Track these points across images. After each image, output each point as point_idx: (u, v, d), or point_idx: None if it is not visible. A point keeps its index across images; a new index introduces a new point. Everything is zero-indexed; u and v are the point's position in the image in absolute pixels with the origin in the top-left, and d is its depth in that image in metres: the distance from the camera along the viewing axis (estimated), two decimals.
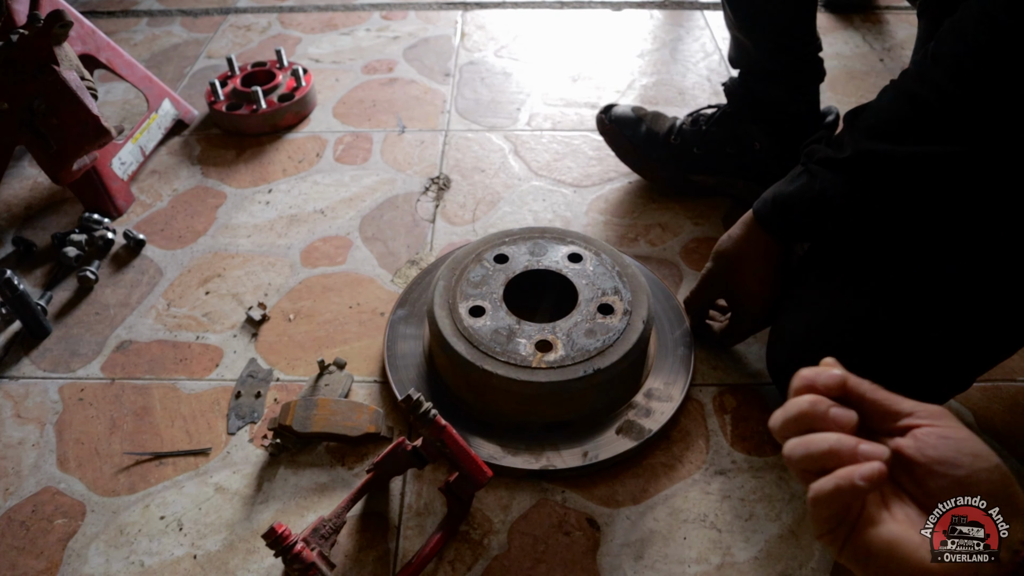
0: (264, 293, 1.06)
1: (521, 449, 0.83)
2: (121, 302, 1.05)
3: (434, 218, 1.18)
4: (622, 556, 0.76)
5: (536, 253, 0.94)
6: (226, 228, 1.17)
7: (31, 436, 0.89)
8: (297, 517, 0.80)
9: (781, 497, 0.81)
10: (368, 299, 1.04)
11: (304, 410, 0.84)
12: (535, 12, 1.75)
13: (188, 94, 1.48)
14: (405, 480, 0.83)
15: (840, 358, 0.75)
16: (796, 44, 1.03)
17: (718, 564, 0.76)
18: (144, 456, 0.86)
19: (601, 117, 1.20)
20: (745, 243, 0.84)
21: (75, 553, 0.78)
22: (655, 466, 0.84)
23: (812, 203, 0.76)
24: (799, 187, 0.77)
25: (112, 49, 1.26)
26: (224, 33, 1.69)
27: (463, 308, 0.87)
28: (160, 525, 0.80)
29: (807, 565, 0.75)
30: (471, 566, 0.76)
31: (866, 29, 1.64)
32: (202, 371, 0.95)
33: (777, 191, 0.81)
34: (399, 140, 1.35)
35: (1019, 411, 0.89)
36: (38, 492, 0.83)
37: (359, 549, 0.77)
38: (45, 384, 0.94)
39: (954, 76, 0.64)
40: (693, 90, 1.46)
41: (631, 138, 1.17)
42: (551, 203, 1.20)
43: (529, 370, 0.81)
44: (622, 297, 0.88)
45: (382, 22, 1.72)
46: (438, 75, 1.53)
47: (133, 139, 1.25)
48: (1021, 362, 0.94)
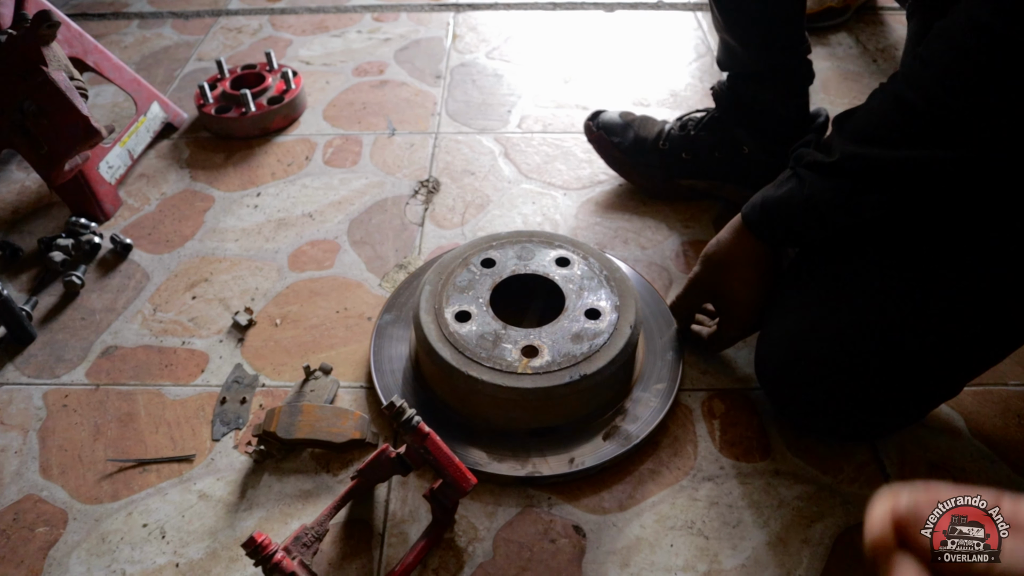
0: (251, 298, 1.05)
1: (507, 455, 0.82)
2: (107, 307, 1.04)
3: (423, 221, 1.17)
4: (608, 564, 0.76)
5: (524, 257, 0.93)
6: (214, 232, 1.16)
7: (13, 443, 0.88)
8: (281, 524, 0.79)
9: (769, 504, 0.80)
10: (355, 304, 1.04)
11: (289, 416, 0.84)
12: (527, 14, 1.75)
13: (178, 97, 1.47)
14: (390, 487, 0.82)
15: (829, 363, 0.75)
16: (785, 45, 1.02)
17: (705, 571, 0.75)
18: (128, 463, 0.85)
19: (589, 124, 1.20)
20: (734, 248, 0.83)
21: (56, 562, 0.77)
22: (642, 472, 0.83)
23: (800, 208, 0.75)
24: (787, 192, 0.77)
25: (100, 52, 1.25)
26: (215, 35, 1.69)
27: (449, 313, 0.86)
28: (143, 533, 0.79)
29: (795, 573, 0.74)
30: (455, 573, 0.75)
31: (859, 30, 1.63)
32: (187, 377, 0.95)
33: (766, 196, 0.80)
34: (389, 143, 1.34)
35: (1010, 416, 0.88)
36: (20, 500, 0.82)
37: (342, 557, 0.76)
38: (29, 390, 0.94)
39: (942, 80, 0.63)
40: (685, 92, 1.46)
41: (619, 144, 1.16)
42: (541, 206, 1.19)
43: (515, 376, 0.80)
44: (610, 302, 0.88)
45: (373, 24, 1.71)
46: (429, 77, 1.52)
47: (121, 143, 1.24)
48: (1012, 367, 0.93)
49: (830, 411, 0.80)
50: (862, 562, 0.75)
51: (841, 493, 0.81)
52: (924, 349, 0.71)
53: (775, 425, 0.87)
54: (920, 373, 0.74)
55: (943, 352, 0.72)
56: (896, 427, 0.85)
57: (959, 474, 0.82)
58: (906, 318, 0.71)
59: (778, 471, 0.83)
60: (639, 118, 1.19)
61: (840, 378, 0.75)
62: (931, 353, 0.72)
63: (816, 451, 0.85)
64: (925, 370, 0.73)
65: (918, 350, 0.72)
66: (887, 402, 0.77)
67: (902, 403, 0.78)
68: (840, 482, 0.82)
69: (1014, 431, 0.87)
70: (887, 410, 0.78)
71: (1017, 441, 0.86)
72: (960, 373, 0.76)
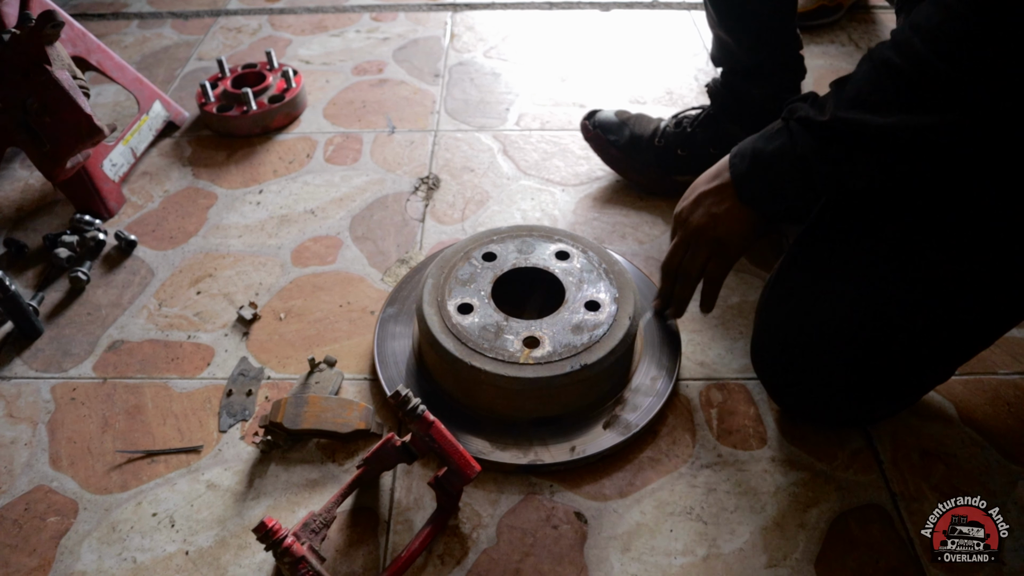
0: (255, 292, 1.06)
1: (509, 444, 0.84)
2: (113, 302, 1.06)
3: (423, 217, 1.19)
4: (609, 548, 0.77)
5: (524, 251, 0.95)
6: (217, 229, 1.18)
7: (23, 435, 0.89)
8: (288, 513, 0.81)
9: (766, 490, 0.82)
10: (358, 298, 1.05)
11: (295, 407, 0.85)
12: (524, 13, 1.77)
13: (179, 96, 1.48)
14: (395, 475, 0.84)
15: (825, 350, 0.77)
16: (777, 41, 1.04)
17: (704, 556, 0.77)
18: (136, 454, 0.87)
19: (585, 123, 1.22)
20: (724, 221, 0.81)
21: (68, 550, 0.78)
22: (642, 460, 0.85)
23: (790, 167, 0.74)
24: (779, 147, 0.75)
25: (103, 51, 1.27)
26: (215, 35, 1.70)
27: (451, 305, 0.88)
28: (152, 522, 0.81)
29: (791, 556, 0.76)
30: (460, 559, 0.77)
31: (852, 28, 1.65)
32: (193, 370, 0.96)
33: (756, 147, 0.78)
34: (389, 140, 1.35)
35: (1000, 404, 0.90)
36: (31, 490, 0.84)
37: (349, 544, 0.78)
38: (37, 384, 0.95)
39: (931, 44, 0.62)
40: (681, 89, 1.48)
41: (615, 143, 1.18)
42: (539, 202, 1.21)
43: (517, 366, 0.82)
44: (609, 294, 0.89)
45: (372, 23, 1.73)
46: (428, 76, 1.54)
47: (124, 141, 1.25)
48: (1002, 356, 0.95)
49: (824, 398, 0.81)
50: (856, 546, 0.77)
51: (836, 479, 0.83)
52: (915, 334, 0.73)
53: (771, 414, 0.89)
54: (911, 358, 0.75)
55: (933, 337, 0.74)
56: (889, 412, 0.87)
57: (951, 460, 0.84)
58: (896, 304, 0.73)
59: (774, 458, 0.85)
60: (634, 116, 1.21)
61: (833, 365, 0.77)
62: (921, 337, 0.73)
63: (811, 439, 0.87)
64: (916, 355, 0.75)
65: (909, 335, 0.73)
66: (879, 388, 0.78)
67: (894, 388, 0.80)
68: (835, 469, 0.84)
69: (1004, 418, 0.89)
70: (880, 396, 0.80)
71: (1007, 428, 0.88)
72: (951, 357, 0.77)
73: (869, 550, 0.77)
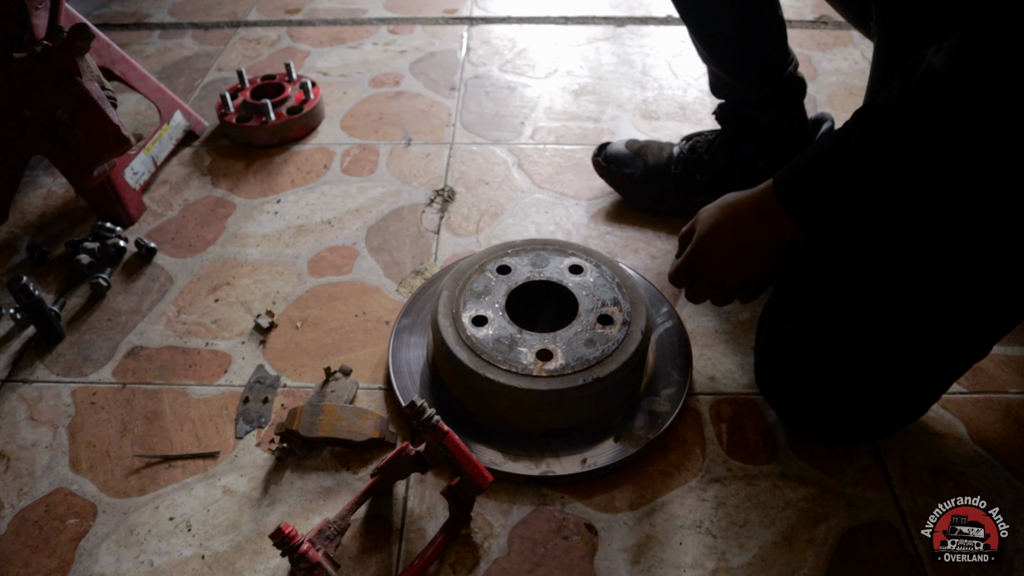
0: (272, 301, 1.08)
1: (521, 455, 0.85)
2: (132, 309, 1.08)
3: (439, 229, 1.20)
4: (619, 560, 0.78)
5: (538, 264, 0.96)
6: (235, 237, 1.20)
7: (44, 438, 0.91)
8: (303, 520, 0.82)
9: (775, 504, 0.83)
10: (374, 308, 1.07)
11: (310, 415, 0.87)
12: (539, 27, 1.79)
13: (199, 106, 1.51)
14: (408, 484, 0.85)
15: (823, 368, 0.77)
16: (770, 71, 1.04)
17: (713, 569, 0.77)
18: (154, 458, 0.88)
19: (597, 159, 1.22)
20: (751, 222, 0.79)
21: (86, 552, 0.80)
22: (652, 473, 0.86)
23: (854, 165, 0.68)
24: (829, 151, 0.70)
25: (126, 62, 1.29)
26: (234, 46, 1.73)
27: (466, 317, 0.89)
28: (169, 526, 0.82)
29: (800, 571, 0.77)
30: (472, 569, 0.78)
31: (866, 45, 1.66)
32: (211, 377, 0.98)
33: (803, 164, 0.74)
34: (405, 152, 1.37)
35: (1010, 423, 0.91)
36: (51, 493, 0.85)
37: (362, 551, 0.79)
38: (58, 388, 0.97)
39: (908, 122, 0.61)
40: (694, 105, 1.49)
41: (631, 176, 1.18)
42: (553, 215, 1.23)
43: (530, 378, 0.83)
44: (621, 308, 0.90)
45: (389, 36, 1.75)
46: (444, 89, 1.56)
47: (145, 150, 1.28)
48: (1013, 375, 0.96)
49: (828, 414, 0.82)
50: (864, 562, 0.78)
51: (845, 495, 0.83)
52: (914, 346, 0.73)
53: (781, 429, 0.90)
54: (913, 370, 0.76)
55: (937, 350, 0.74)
56: (895, 426, 0.87)
57: (960, 478, 0.84)
58: (897, 317, 0.73)
59: (784, 473, 0.86)
60: (644, 144, 1.20)
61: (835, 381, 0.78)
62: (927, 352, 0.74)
63: (820, 455, 0.87)
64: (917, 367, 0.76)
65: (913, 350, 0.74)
66: (884, 402, 0.79)
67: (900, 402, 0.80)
68: (844, 485, 0.84)
69: (1014, 437, 0.89)
70: (884, 410, 0.81)
71: (1017, 447, 0.88)
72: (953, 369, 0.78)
73: (877, 567, 0.77)
